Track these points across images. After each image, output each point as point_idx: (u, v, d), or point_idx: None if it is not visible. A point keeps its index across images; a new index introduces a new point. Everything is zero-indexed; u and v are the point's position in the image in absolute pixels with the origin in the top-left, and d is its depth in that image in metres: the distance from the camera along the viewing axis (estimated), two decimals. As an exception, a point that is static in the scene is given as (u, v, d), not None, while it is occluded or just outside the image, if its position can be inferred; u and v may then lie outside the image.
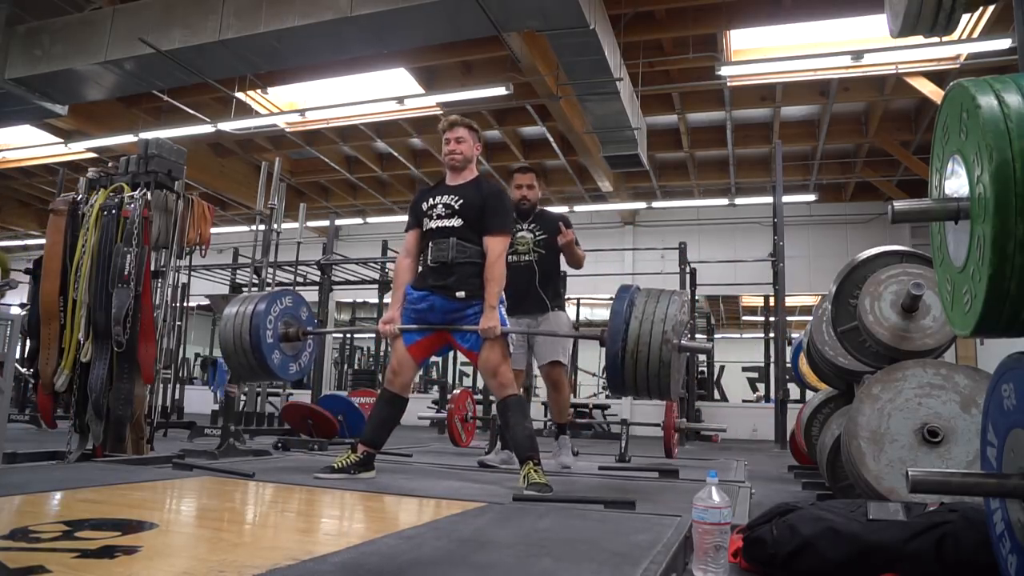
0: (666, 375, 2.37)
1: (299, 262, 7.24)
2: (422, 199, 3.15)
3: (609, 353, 2.44)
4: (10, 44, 6.94)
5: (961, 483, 1.39)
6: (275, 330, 3.11)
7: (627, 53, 7.17)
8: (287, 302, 3.21)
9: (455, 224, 3.01)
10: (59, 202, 3.64)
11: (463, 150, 3.10)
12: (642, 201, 11.75)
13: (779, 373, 8.01)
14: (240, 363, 3.08)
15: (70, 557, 1.36)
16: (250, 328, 3.02)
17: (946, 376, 2.32)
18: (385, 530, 1.88)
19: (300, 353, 3.27)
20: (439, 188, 3.15)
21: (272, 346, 3.06)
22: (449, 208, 3.03)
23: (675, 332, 2.43)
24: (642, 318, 2.40)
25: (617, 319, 2.45)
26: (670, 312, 2.42)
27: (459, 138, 3.10)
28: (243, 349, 3.04)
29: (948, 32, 2.08)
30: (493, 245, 2.97)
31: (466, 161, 3.11)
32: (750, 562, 1.83)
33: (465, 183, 3.11)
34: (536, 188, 3.91)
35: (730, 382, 13.63)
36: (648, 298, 2.50)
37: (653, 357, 2.37)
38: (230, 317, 3.11)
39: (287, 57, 6.51)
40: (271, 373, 3.13)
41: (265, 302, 3.12)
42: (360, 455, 2.97)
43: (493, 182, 3.18)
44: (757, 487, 3.32)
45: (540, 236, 3.80)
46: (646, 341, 2.37)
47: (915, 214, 1.31)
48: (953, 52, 7.20)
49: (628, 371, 2.41)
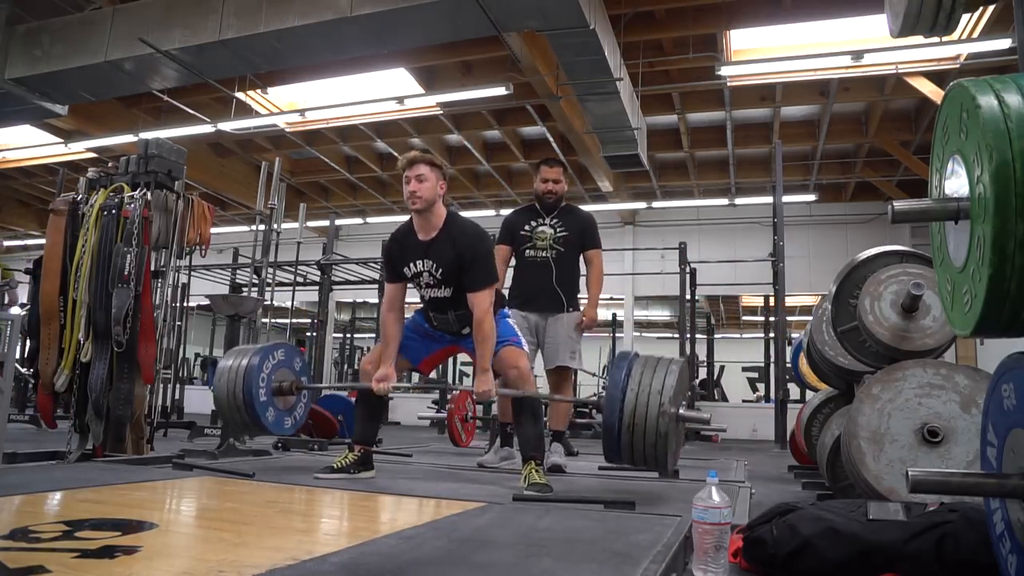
0: (663, 448, 2.38)
1: (299, 262, 7.24)
2: (400, 260, 2.96)
3: (606, 426, 2.44)
4: (10, 44, 6.94)
5: (961, 483, 1.39)
6: (268, 387, 3.06)
7: (627, 53, 7.16)
8: (279, 356, 3.15)
9: (447, 295, 2.94)
10: (59, 202, 3.64)
11: (424, 191, 2.80)
12: (642, 201, 11.75)
13: (779, 373, 8.01)
14: (235, 419, 3.07)
15: (70, 557, 1.36)
16: (243, 386, 2.99)
17: (946, 376, 2.32)
18: (385, 530, 1.88)
19: (295, 406, 3.25)
20: (412, 245, 2.93)
21: (265, 404, 3.04)
22: (432, 276, 2.91)
23: (673, 402, 2.43)
24: (638, 390, 2.40)
25: (614, 390, 2.44)
26: (667, 384, 2.41)
27: (420, 176, 2.81)
28: (237, 407, 3.02)
29: (948, 32, 2.08)
30: (478, 301, 2.82)
31: (428, 203, 2.83)
32: (750, 562, 1.82)
33: (436, 238, 2.88)
34: (563, 182, 3.82)
35: (730, 382, 13.63)
36: (645, 368, 2.48)
37: (650, 430, 2.37)
38: (223, 373, 3.08)
39: (287, 57, 6.51)
40: (266, 430, 3.11)
41: (258, 356, 3.07)
42: (358, 454, 2.99)
43: (464, 225, 2.94)
44: (757, 487, 3.32)
45: (561, 233, 3.73)
46: (643, 414, 2.37)
47: (915, 214, 1.31)
48: (953, 52, 7.20)
49: (625, 444, 2.41)
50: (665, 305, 17.50)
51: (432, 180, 2.84)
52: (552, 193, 3.77)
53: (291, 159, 11.45)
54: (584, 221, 3.83)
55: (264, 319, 6.46)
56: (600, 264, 3.83)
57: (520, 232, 3.79)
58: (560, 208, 3.82)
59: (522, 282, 3.80)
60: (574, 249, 3.76)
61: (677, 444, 2.59)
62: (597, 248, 3.83)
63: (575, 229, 3.76)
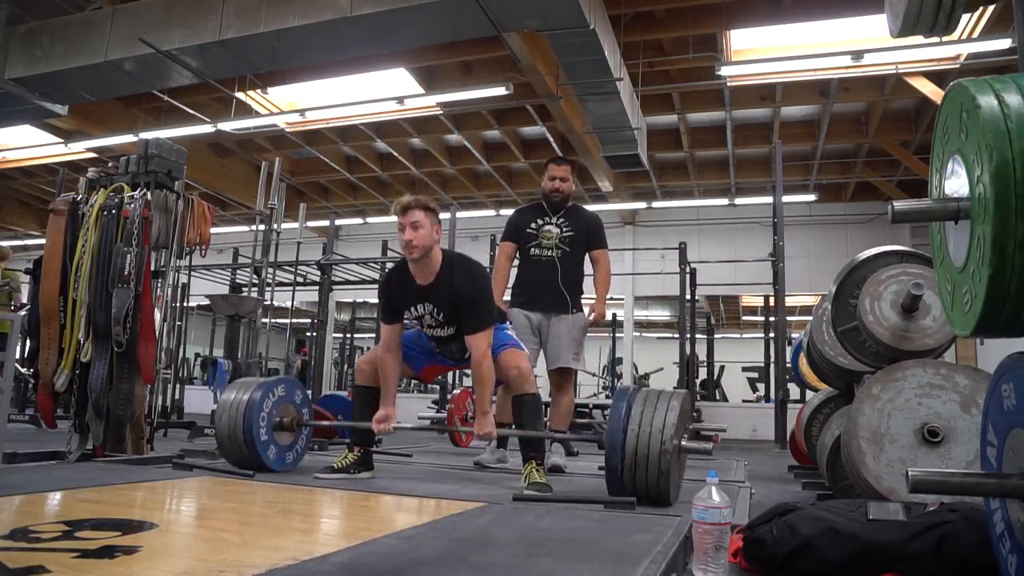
0: (665, 484, 2.40)
1: (299, 262, 7.23)
2: (399, 303, 2.96)
3: (609, 465, 2.47)
4: (10, 44, 6.94)
5: (961, 483, 1.39)
6: (268, 425, 3.04)
7: (627, 53, 7.16)
8: (280, 392, 3.12)
9: (450, 333, 2.97)
10: (59, 202, 3.64)
11: (419, 239, 2.77)
12: (642, 201, 11.75)
13: (779, 373, 8.00)
14: (235, 455, 3.06)
15: (70, 557, 1.36)
16: (244, 425, 2.97)
17: (946, 376, 2.32)
18: (385, 530, 1.88)
19: (296, 440, 3.23)
20: (410, 289, 2.92)
21: (267, 444, 3.02)
22: (435, 319, 2.94)
23: (675, 437, 2.46)
24: (639, 430, 2.42)
25: (615, 429, 2.47)
26: (668, 421, 2.43)
27: (415, 223, 2.77)
28: (238, 444, 3.01)
29: (948, 32, 2.08)
30: (476, 344, 2.82)
31: (425, 251, 2.81)
32: (750, 562, 1.83)
33: (434, 282, 2.88)
34: (570, 181, 3.81)
35: (730, 382, 13.62)
36: (646, 405, 2.49)
37: (652, 468, 2.39)
38: (224, 408, 3.06)
39: (287, 57, 6.51)
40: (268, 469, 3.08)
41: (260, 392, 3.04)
42: (357, 454, 2.99)
43: (461, 265, 2.92)
44: (757, 487, 3.32)
45: (567, 232, 3.73)
46: (644, 454, 2.39)
47: (915, 214, 1.31)
48: (953, 52, 7.19)
49: (627, 480, 2.44)
50: (665, 305, 17.50)
51: (427, 226, 2.80)
52: (559, 191, 3.76)
53: (291, 159, 11.45)
54: (590, 221, 3.83)
55: (264, 319, 6.46)
56: (607, 264, 3.82)
57: (526, 230, 3.78)
58: (567, 208, 3.81)
59: (527, 281, 3.79)
60: (580, 249, 3.75)
61: (679, 475, 2.62)
62: (604, 248, 3.82)
63: (581, 229, 3.75)
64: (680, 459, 2.62)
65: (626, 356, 12.54)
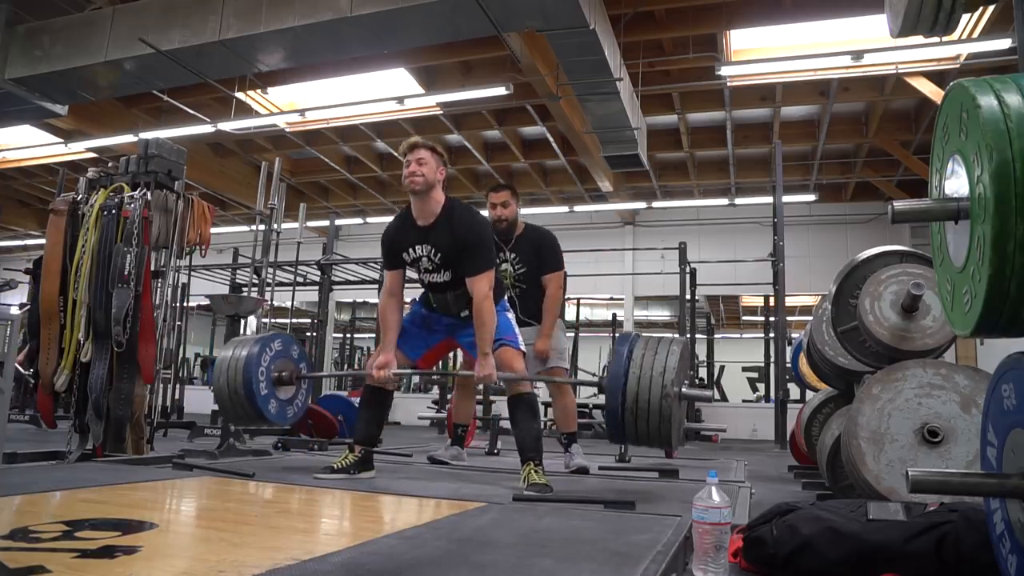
0: (666, 428, 2.38)
1: (299, 262, 7.24)
2: (398, 245, 2.98)
3: (608, 405, 2.45)
4: (10, 44, 6.94)
5: (961, 483, 1.39)
6: (268, 379, 3.06)
7: (627, 53, 7.16)
8: (276, 346, 3.14)
9: (446, 279, 2.95)
10: (59, 202, 3.64)
11: (424, 172, 2.85)
12: (642, 201, 11.75)
13: (779, 373, 8.01)
14: (237, 413, 3.07)
15: (70, 557, 1.36)
16: (243, 380, 2.98)
17: (946, 376, 2.32)
18: (385, 530, 1.88)
19: (295, 396, 3.24)
20: (410, 230, 2.95)
21: (267, 397, 3.04)
22: (431, 262, 2.93)
23: (675, 383, 2.43)
24: (640, 373, 2.40)
25: (616, 371, 2.45)
26: (669, 364, 2.41)
27: (420, 159, 2.86)
28: (239, 402, 3.03)
29: (948, 32, 2.08)
30: (478, 286, 2.83)
31: (428, 185, 2.86)
32: (750, 562, 1.82)
33: (434, 223, 2.90)
34: (512, 205, 3.70)
35: (730, 382, 13.62)
36: (647, 349, 2.48)
37: (653, 411, 2.37)
38: (222, 367, 3.07)
39: (287, 57, 6.51)
40: (268, 422, 3.10)
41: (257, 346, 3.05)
42: (358, 454, 2.99)
43: (462, 210, 2.95)
44: (757, 487, 3.32)
45: (520, 269, 3.69)
46: (645, 397, 2.38)
47: (915, 214, 1.31)
48: (953, 52, 7.20)
49: (629, 425, 2.42)
50: (665, 305, 17.49)
51: (432, 164, 2.88)
52: (502, 219, 3.67)
53: (291, 159, 11.45)
54: (541, 244, 3.73)
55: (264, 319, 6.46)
56: (555, 289, 3.71)
57: None
58: (517, 236, 3.72)
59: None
60: (536, 280, 3.70)
61: (680, 423, 2.60)
62: (555, 271, 3.72)
63: (532, 259, 3.69)
64: (681, 407, 2.60)
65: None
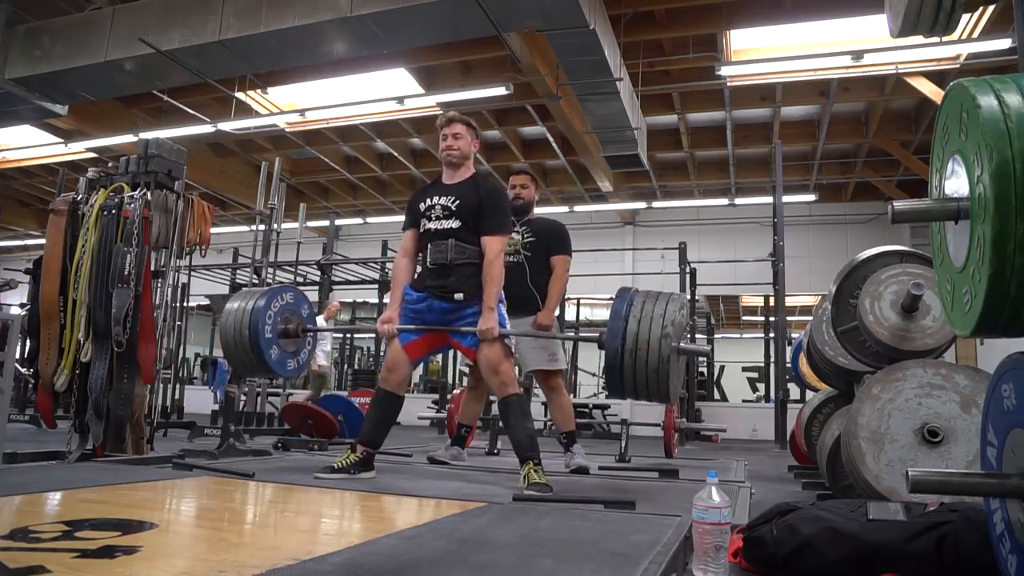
0: (665, 373, 2.36)
1: (299, 262, 7.25)
2: (419, 199, 3.12)
3: (608, 352, 2.44)
4: (10, 44, 6.94)
5: (961, 483, 1.39)
6: (274, 326, 3.10)
7: (627, 53, 7.17)
8: (288, 298, 3.19)
9: (453, 226, 2.99)
10: (59, 202, 3.64)
11: (460, 146, 3.06)
12: (642, 201, 11.76)
13: (779, 373, 8.01)
14: (239, 358, 3.08)
15: (70, 557, 1.36)
16: (249, 323, 3.01)
17: (946, 376, 2.32)
18: (385, 530, 1.88)
19: (299, 350, 3.26)
20: (436, 187, 3.12)
21: (270, 341, 3.05)
22: (446, 209, 3.01)
23: (675, 332, 2.42)
24: (640, 317, 2.41)
25: (616, 319, 2.46)
26: (669, 310, 2.43)
27: (456, 134, 3.06)
28: (242, 345, 3.04)
29: (948, 32, 2.08)
30: (491, 245, 2.94)
31: (463, 157, 3.07)
32: (750, 562, 1.82)
33: (462, 182, 3.07)
34: (531, 188, 3.88)
35: (730, 382, 13.63)
36: (647, 299, 2.50)
37: (652, 355, 2.36)
38: (231, 312, 3.11)
39: (287, 57, 6.51)
40: (269, 369, 3.12)
41: (265, 298, 3.11)
42: (360, 455, 2.98)
43: (491, 181, 3.16)
44: (757, 487, 3.32)
45: (528, 239, 3.76)
46: (645, 339, 2.37)
47: (915, 214, 1.31)
48: (953, 52, 7.20)
49: (627, 370, 2.40)
50: (665, 305, 17.47)
51: (467, 138, 3.10)
52: (520, 198, 3.82)
53: (291, 159, 11.45)
54: (552, 227, 3.84)
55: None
56: (563, 270, 3.77)
57: None
58: (528, 219, 3.85)
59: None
60: (542, 255, 3.75)
61: (678, 378, 2.59)
62: (563, 255, 3.78)
63: (542, 235, 3.77)
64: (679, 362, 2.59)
65: (626, 356, 12.53)
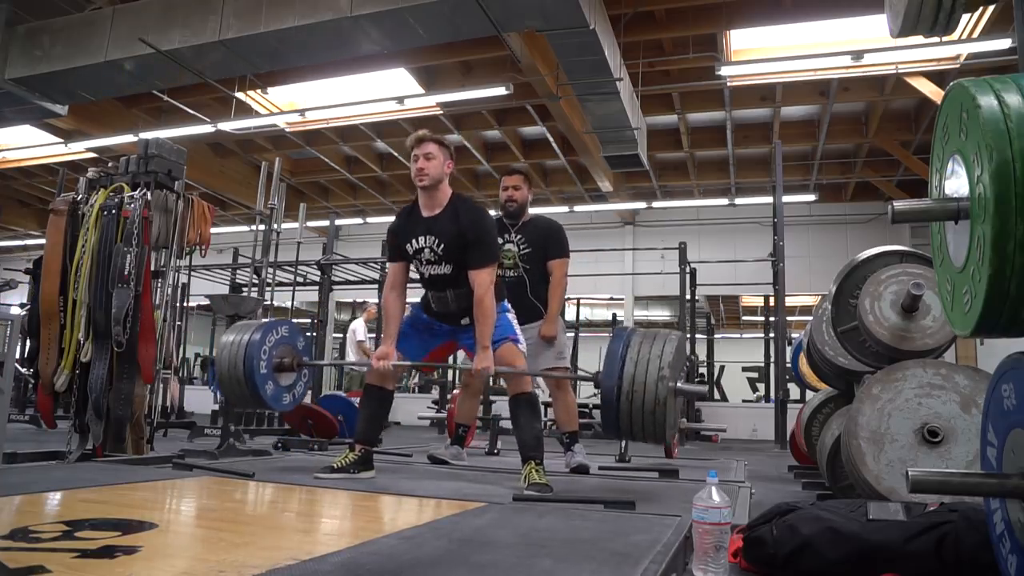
0: (661, 415, 2.33)
1: (299, 262, 7.24)
2: (403, 237, 3.01)
3: (604, 390, 2.40)
4: (10, 44, 6.94)
5: (961, 483, 1.39)
6: (269, 361, 3.06)
7: (627, 53, 7.16)
8: (283, 332, 3.14)
9: (446, 272, 2.95)
10: (59, 202, 3.64)
11: (431, 169, 2.89)
12: (642, 201, 11.75)
13: (779, 373, 8.00)
14: (234, 392, 3.06)
15: (70, 557, 1.36)
16: (244, 358, 2.98)
17: (946, 376, 2.32)
18: (385, 530, 1.88)
19: (295, 383, 3.24)
20: (417, 222, 2.99)
21: (265, 377, 3.03)
22: (434, 253, 2.94)
23: (672, 373, 2.39)
24: (637, 359, 2.37)
25: (613, 359, 2.42)
26: (666, 351, 2.39)
27: (428, 154, 2.90)
28: (237, 379, 3.02)
29: (948, 32, 2.08)
30: (479, 279, 2.86)
31: (435, 181, 2.91)
32: (750, 562, 1.82)
33: (440, 214, 2.94)
34: (524, 189, 3.79)
35: (730, 382, 13.62)
36: (644, 339, 2.46)
37: (649, 396, 2.33)
38: (225, 346, 3.07)
39: (287, 57, 6.51)
40: (264, 404, 3.09)
41: (260, 332, 3.06)
42: (358, 454, 2.99)
43: (468, 204, 3.00)
44: (757, 487, 3.32)
45: (524, 250, 3.71)
46: (642, 380, 2.34)
47: (915, 214, 1.31)
48: (953, 52, 7.20)
49: (624, 412, 2.37)
50: (665, 305, 17.49)
51: (440, 159, 2.93)
52: (513, 200, 3.76)
53: (291, 159, 11.45)
54: (548, 230, 3.79)
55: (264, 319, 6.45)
56: (561, 274, 3.75)
57: None
58: (524, 221, 3.79)
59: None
60: (540, 262, 3.73)
61: (675, 419, 2.55)
62: (561, 257, 3.76)
63: (539, 243, 3.73)
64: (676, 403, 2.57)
65: (626, 356, 12.52)
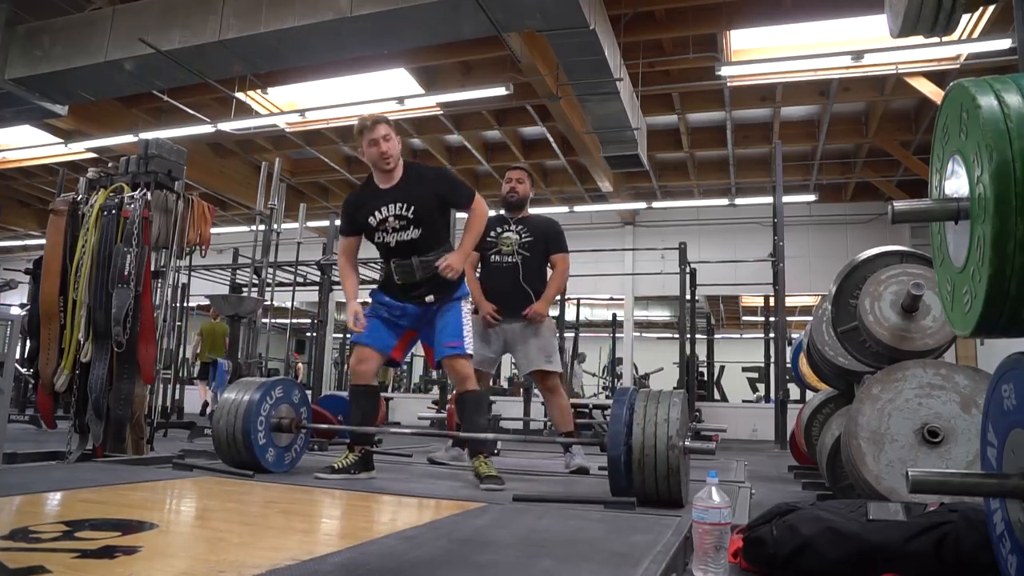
0: (676, 481, 2.30)
1: (299, 262, 7.24)
2: (363, 212, 3.02)
3: (612, 462, 2.35)
4: (10, 44, 6.94)
5: (961, 483, 1.39)
6: (267, 428, 3.02)
7: (627, 53, 7.16)
8: (278, 393, 3.11)
9: (414, 236, 2.95)
10: (59, 202, 3.64)
11: (393, 149, 2.94)
12: (642, 201, 11.74)
13: (779, 373, 8.00)
14: (234, 459, 3.03)
15: (70, 557, 1.36)
16: (242, 427, 2.95)
17: (946, 376, 2.32)
18: (385, 530, 1.88)
19: (295, 441, 3.21)
20: (377, 195, 3.01)
21: (264, 447, 3.00)
22: (403, 219, 2.95)
23: (679, 435, 2.37)
24: (644, 423, 2.33)
25: (617, 423, 2.37)
26: (672, 416, 2.35)
27: (386, 136, 2.93)
28: (237, 449, 2.99)
29: (948, 32, 2.08)
30: (476, 208, 2.99)
31: (398, 160, 2.99)
32: (750, 562, 1.82)
33: (400, 183, 2.99)
34: (527, 184, 3.88)
35: (730, 382, 13.62)
36: (648, 401, 2.44)
37: (660, 464, 2.29)
38: (221, 412, 3.03)
39: (287, 57, 6.51)
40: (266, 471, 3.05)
41: (258, 393, 3.02)
42: (358, 454, 3.00)
43: (421, 166, 3.11)
44: (757, 487, 3.32)
45: (526, 239, 3.77)
46: (651, 446, 2.30)
47: (915, 214, 1.31)
48: (953, 52, 7.19)
49: (636, 478, 2.32)
50: (665, 305, 17.50)
51: (395, 138, 2.98)
52: (515, 192, 3.85)
53: (291, 159, 11.44)
54: (549, 226, 3.87)
55: (264, 319, 6.46)
56: (564, 269, 3.83)
57: (486, 239, 3.80)
58: (525, 216, 3.87)
59: (490, 287, 3.80)
60: (540, 254, 3.78)
61: (687, 475, 2.54)
62: (563, 253, 3.84)
63: (540, 235, 3.79)
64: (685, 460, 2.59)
65: (626, 356, 12.54)
